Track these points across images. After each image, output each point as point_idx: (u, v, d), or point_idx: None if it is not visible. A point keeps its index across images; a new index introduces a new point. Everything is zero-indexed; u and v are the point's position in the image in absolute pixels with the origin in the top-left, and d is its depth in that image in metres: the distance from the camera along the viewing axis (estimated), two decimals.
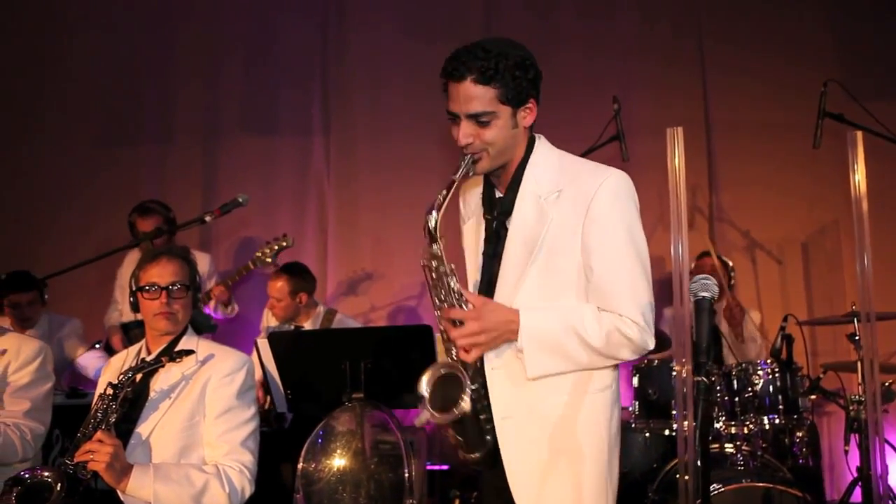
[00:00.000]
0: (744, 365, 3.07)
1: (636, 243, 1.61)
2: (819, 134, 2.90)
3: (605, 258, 1.59)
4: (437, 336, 2.45)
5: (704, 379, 1.32)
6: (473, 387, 1.60)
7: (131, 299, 2.27)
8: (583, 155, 3.18)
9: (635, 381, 3.25)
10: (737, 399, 3.02)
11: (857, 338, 2.97)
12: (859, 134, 2.60)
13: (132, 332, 3.52)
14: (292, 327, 3.83)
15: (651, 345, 1.60)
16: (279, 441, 3.23)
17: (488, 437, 1.64)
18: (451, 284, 1.57)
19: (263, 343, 2.63)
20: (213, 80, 4.90)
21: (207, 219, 2.93)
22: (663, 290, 3.82)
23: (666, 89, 4.40)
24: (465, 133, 1.61)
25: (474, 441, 1.62)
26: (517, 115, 1.63)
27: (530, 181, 1.65)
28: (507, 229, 1.67)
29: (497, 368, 1.65)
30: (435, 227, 1.55)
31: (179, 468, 2.08)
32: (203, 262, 4.03)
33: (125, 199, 4.21)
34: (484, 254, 1.70)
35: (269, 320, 3.97)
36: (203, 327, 2.45)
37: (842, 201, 2.77)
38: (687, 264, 2.48)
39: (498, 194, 1.71)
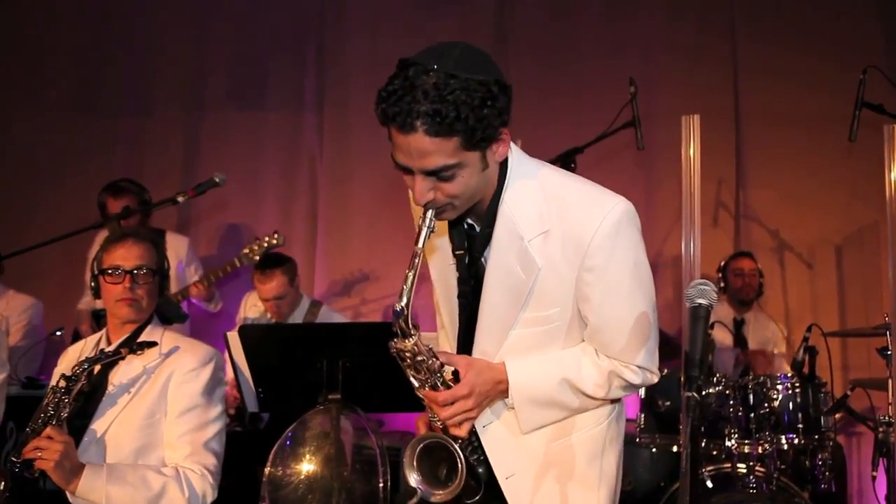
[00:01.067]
0: (761, 378, 3.04)
1: (642, 284, 1.55)
2: (856, 125, 2.85)
3: (608, 312, 1.54)
4: (423, 334, 2.46)
5: (695, 395, 1.30)
6: (473, 456, 1.61)
7: (93, 284, 2.27)
8: (596, 140, 3.17)
9: (642, 391, 3.23)
10: (752, 415, 3.00)
11: (888, 352, 2.93)
12: None
13: (103, 320, 3.52)
14: (273, 321, 3.83)
15: (655, 379, 1.62)
16: (254, 442, 3.24)
17: (480, 470, 1.62)
18: (430, 364, 1.50)
19: (234, 337, 2.63)
20: (197, 47, 4.89)
21: (180, 199, 2.92)
22: (678, 291, 3.80)
23: (693, 76, 4.37)
24: (423, 190, 1.43)
25: (469, 490, 1.61)
26: (487, 155, 1.45)
27: (507, 216, 1.51)
28: (484, 268, 1.56)
29: (488, 425, 1.63)
30: (406, 322, 1.46)
31: (136, 469, 2.08)
32: (180, 245, 4.03)
33: (98, 175, 4.23)
34: (460, 296, 1.61)
35: (248, 311, 3.96)
36: (172, 317, 2.43)
37: (882, 201, 2.74)
38: (698, 263, 2.47)
39: (472, 223, 1.57)
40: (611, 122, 3.10)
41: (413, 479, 1.54)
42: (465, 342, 1.62)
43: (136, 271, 2.23)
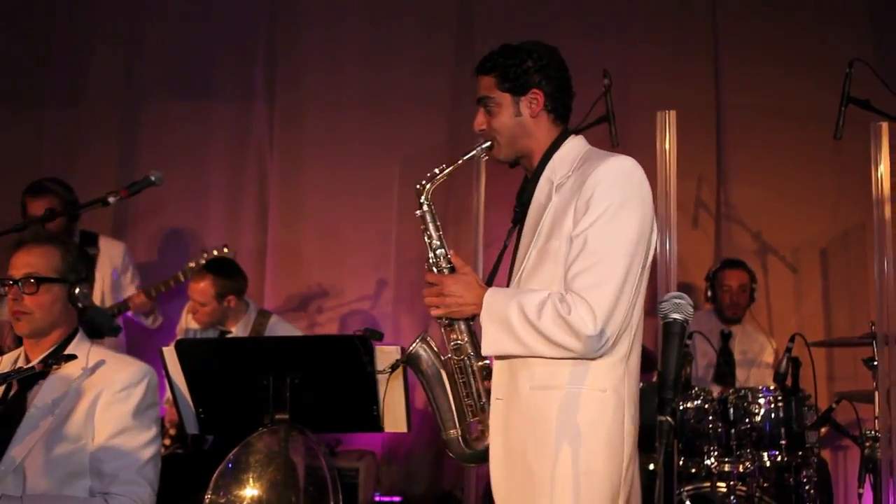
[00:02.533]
0: (742, 391, 3.07)
1: (623, 225, 1.81)
2: (842, 122, 2.88)
3: (579, 231, 1.83)
4: (380, 348, 2.44)
5: (669, 419, 1.30)
6: (444, 357, 2.00)
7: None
8: None
9: None
10: (732, 431, 3.02)
11: (874, 363, 2.97)
12: (885, 125, 2.60)
13: None
14: (217, 332, 3.78)
15: (589, 330, 1.77)
16: (197, 465, 3.18)
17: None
18: (436, 247, 1.97)
19: (170, 352, 2.57)
20: (134, 30, 4.80)
21: (111, 200, 2.84)
22: (654, 299, 3.82)
23: (672, 69, 4.39)
24: (478, 119, 2.01)
25: (445, 414, 2.01)
26: (520, 104, 1.98)
27: (549, 168, 1.97)
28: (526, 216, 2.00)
29: (500, 399, 1.96)
30: (424, 194, 1.97)
31: (57, 501, 2.03)
32: (115, 251, 3.95)
33: (22, 173, 4.12)
34: (505, 243, 2.05)
35: (190, 323, 3.91)
36: (103, 330, 2.38)
37: (869, 201, 2.77)
38: (675, 269, 2.48)
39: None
40: (583, 117, 3.10)
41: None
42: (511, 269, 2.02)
43: (21, 281, 2.18)
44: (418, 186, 1.97)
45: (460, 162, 1.97)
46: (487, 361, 1.99)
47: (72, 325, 2.27)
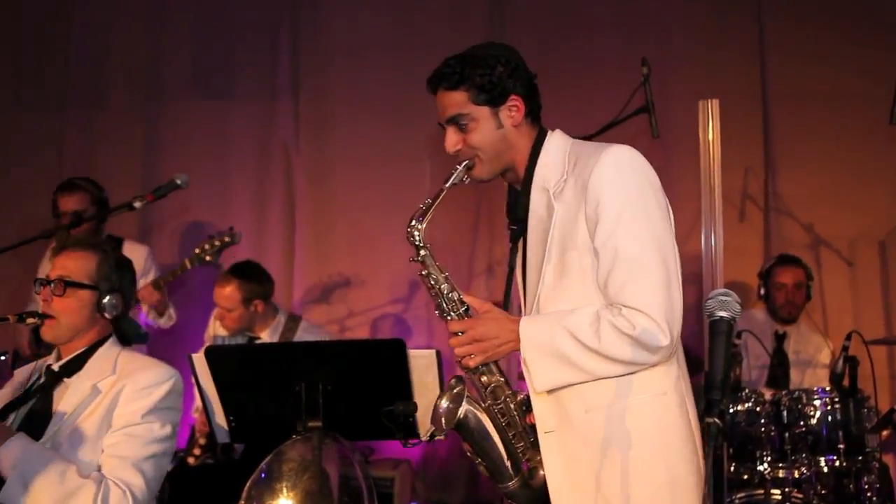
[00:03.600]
0: (796, 393, 3.04)
1: (647, 220, 1.78)
2: None
3: (604, 241, 1.78)
4: (414, 354, 2.47)
5: (717, 420, 1.31)
6: (485, 404, 1.89)
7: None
8: (604, 130, 3.17)
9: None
10: (786, 434, 3.00)
11: None
12: None
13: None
14: (245, 339, 3.84)
15: (663, 341, 1.73)
16: (228, 475, 3.24)
17: (526, 464, 1.89)
18: (446, 292, 1.88)
19: (199, 359, 2.62)
20: (153, 28, 4.88)
21: (137, 205, 2.93)
22: (700, 296, 3.80)
23: (714, 55, 4.36)
24: (451, 140, 1.92)
25: (501, 467, 1.89)
26: (499, 115, 1.91)
27: (539, 176, 1.90)
28: (526, 234, 1.92)
29: (550, 432, 1.89)
30: (418, 236, 1.87)
31: (61, 461, 2.12)
32: (138, 255, 4.02)
33: (44, 176, 4.22)
34: (509, 265, 1.98)
35: (218, 330, 3.97)
36: (131, 337, 2.44)
37: None
38: (721, 264, 2.47)
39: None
40: (621, 108, 3.10)
41: (443, 403, 1.87)
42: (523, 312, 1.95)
43: (53, 282, 2.26)
44: (410, 229, 1.87)
45: (444, 190, 1.88)
46: (524, 394, 1.92)
47: (101, 333, 2.34)
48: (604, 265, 1.79)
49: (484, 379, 1.90)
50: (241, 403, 2.61)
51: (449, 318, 1.88)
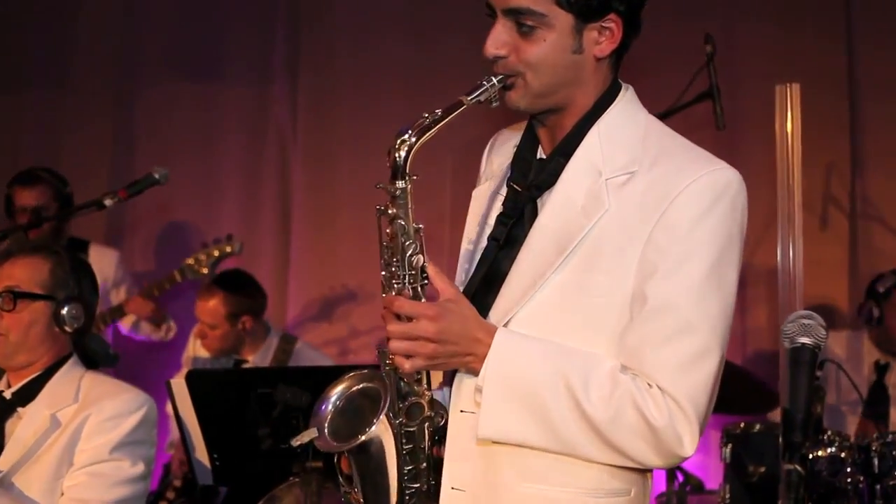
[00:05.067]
0: (889, 437, 3.01)
1: (723, 282, 1.52)
2: None
3: (666, 291, 1.50)
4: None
5: (798, 468, 1.30)
6: (396, 421, 1.57)
7: None
8: (662, 116, 3.16)
9: (727, 452, 3.21)
10: (877, 486, 2.97)
11: None
12: None
13: None
14: (231, 362, 3.85)
15: (689, 450, 1.49)
16: None
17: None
18: (408, 252, 1.54)
19: (179, 385, 2.64)
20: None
21: (108, 202, 2.94)
22: (773, 316, 3.75)
23: (791, 33, 4.32)
24: (497, 39, 1.55)
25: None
26: (584, 35, 1.55)
27: (593, 146, 1.58)
28: (538, 210, 1.60)
29: (466, 412, 1.57)
30: (405, 156, 1.53)
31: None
32: (107, 261, 4.06)
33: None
34: (492, 237, 1.63)
35: (199, 350, 3.99)
36: (98, 358, 2.45)
37: None
38: (800, 276, 2.46)
39: (540, 154, 1.65)
40: (680, 94, 3.10)
41: (331, 402, 1.57)
42: (478, 301, 1.59)
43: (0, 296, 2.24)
44: (398, 141, 1.52)
45: (464, 105, 1.53)
46: (444, 418, 1.60)
47: (60, 352, 2.34)
48: (650, 322, 1.50)
49: (404, 385, 1.58)
50: (227, 439, 2.62)
51: (398, 288, 1.53)
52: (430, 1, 4.72)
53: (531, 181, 1.61)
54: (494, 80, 1.54)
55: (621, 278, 1.52)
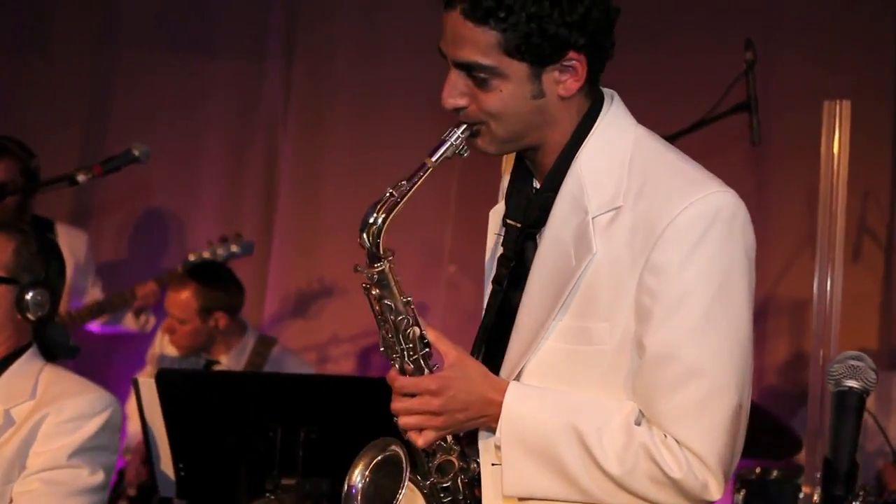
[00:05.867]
0: None
1: (728, 316, 1.53)
2: None
3: (663, 339, 1.52)
4: None
5: None
6: (427, 481, 1.65)
7: None
8: (690, 130, 3.15)
9: (739, 499, 3.20)
10: None
11: None
12: None
13: None
14: (202, 362, 3.83)
15: (716, 495, 1.53)
16: None
17: None
18: (402, 327, 1.60)
19: (148, 385, 2.63)
20: None
21: (81, 178, 2.93)
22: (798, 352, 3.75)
23: (836, 46, 4.32)
24: (453, 89, 1.58)
25: None
26: (542, 79, 1.57)
27: (576, 180, 1.60)
28: (537, 247, 1.65)
29: (497, 464, 1.64)
30: (375, 240, 1.59)
31: None
32: (77, 243, 4.05)
33: None
34: (494, 281, 1.70)
35: (166, 347, 3.97)
36: (57, 350, 2.43)
37: None
38: (838, 313, 2.45)
39: (535, 184, 1.69)
40: (715, 104, 3.09)
41: (357, 479, 1.64)
42: (491, 349, 1.67)
43: None
44: (365, 225, 1.57)
45: (430, 168, 1.57)
46: (477, 468, 1.68)
47: (19, 341, 2.32)
48: (651, 372, 1.53)
49: (435, 453, 1.65)
50: (196, 448, 2.60)
51: (397, 364, 1.61)
52: None
53: (526, 216, 1.66)
54: (458, 132, 1.58)
55: (621, 324, 1.56)
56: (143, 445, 3.57)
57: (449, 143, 1.56)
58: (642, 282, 1.53)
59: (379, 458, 1.65)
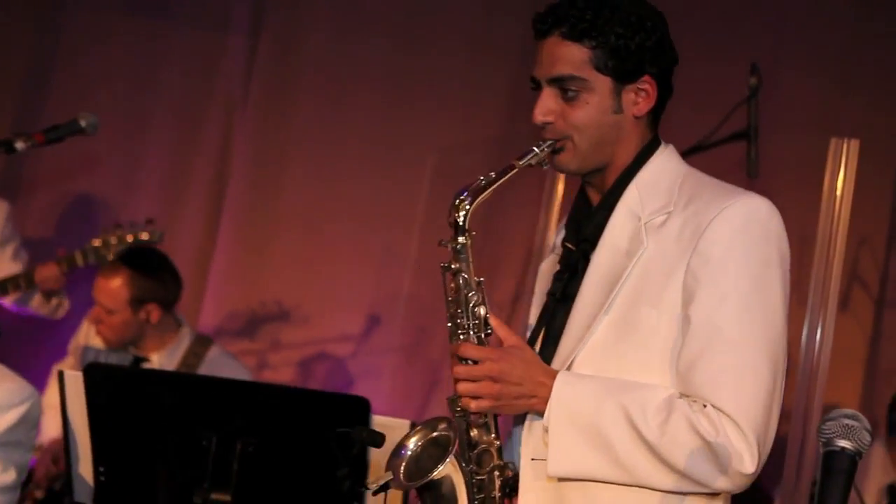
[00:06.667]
0: None
1: (765, 302, 1.86)
2: None
3: (704, 313, 1.84)
4: (380, 419, 2.44)
5: None
6: (469, 466, 1.93)
7: None
8: (684, 155, 3.19)
9: None
10: None
11: None
12: None
13: None
14: (130, 357, 3.81)
15: (749, 466, 1.79)
16: None
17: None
18: (471, 303, 1.92)
19: (74, 378, 2.60)
20: None
21: (20, 146, 2.92)
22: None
23: (842, 79, 4.34)
24: (545, 107, 1.95)
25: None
26: (622, 95, 1.96)
27: (633, 196, 1.97)
28: (588, 264, 1.97)
29: (538, 459, 1.91)
30: (465, 216, 1.90)
31: None
32: None
33: None
34: (550, 293, 2.02)
35: (92, 339, 3.94)
36: None
37: None
38: (826, 367, 2.48)
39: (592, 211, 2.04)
40: (713, 129, 3.13)
41: (410, 446, 1.92)
42: (543, 351, 1.98)
43: None
44: (457, 203, 1.91)
45: (516, 168, 1.93)
46: (514, 470, 1.97)
47: None
48: (694, 343, 1.84)
49: (474, 433, 1.95)
50: (121, 451, 2.58)
51: (463, 337, 1.93)
52: None
53: (584, 236, 2.00)
54: (545, 146, 1.94)
55: (668, 309, 1.88)
56: (57, 444, 3.58)
57: (535, 153, 1.92)
58: (690, 266, 1.86)
59: (433, 434, 1.92)
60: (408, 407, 4.35)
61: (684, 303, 1.86)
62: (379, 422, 2.43)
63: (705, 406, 1.81)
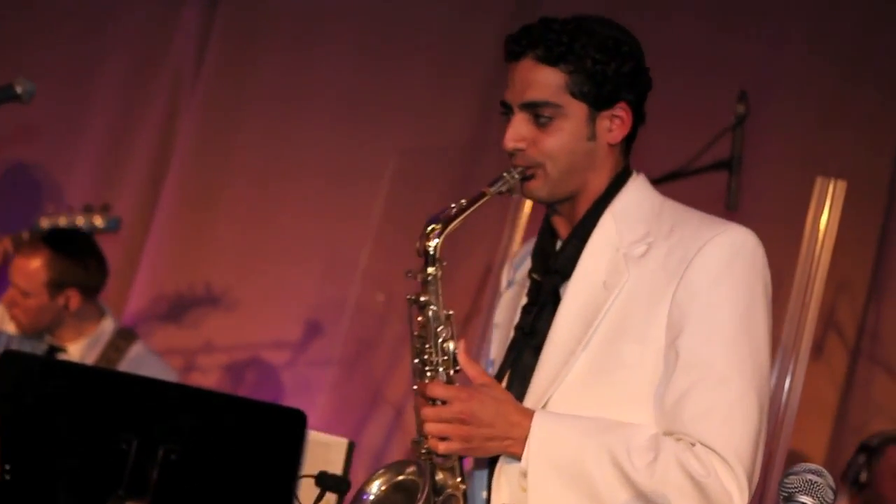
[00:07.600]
0: None
1: (752, 336, 1.93)
2: None
3: (694, 347, 1.90)
4: (316, 435, 2.45)
5: None
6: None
7: None
8: (662, 180, 3.23)
9: None
10: None
11: None
12: None
13: None
14: (44, 346, 3.80)
15: (735, 491, 1.85)
16: None
17: None
18: (440, 339, 1.96)
19: None
20: None
21: None
22: None
23: (840, 110, 4.39)
24: (516, 133, 2.00)
25: None
26: (597, 122, 2.02)
27: (608, 226, 2.03)
28: (560, 296, 2.02)
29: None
30: (435, 245, 1.95)
31: None
32: None
33: None
34: (517, 327, 2.07)
35: (4, 322, 3.93)
36: None
37: None
38: (792, 418, 2.51)
39: (559, 244, 2.09)
40: (694, 156, 3.17)
41: (372, 491, 1.95)
42: (513, 387, 2.02)
43: None
44: (427, 232, 1.97)
45: (487, 196, 2.00)
46: None
47: None
48: (683, 377, 1.89)
49: (440, 476, 1.98)
50: (31, 450, 2.57)
51: (431, 375, 1.95)
52: None
53: (551, 268, 2.05)
54: (515, 172, 2.00)
55: (653, 343, 1.93)
56: None
57: (505, 179, 1.99)
58: (676, 298, 1.93)
59: (399, 478, 1.95)
60: (344, 424, 4.36)
61: (670, 335, 1.92)
62: (315, 438, 2.45)
63: (693, 445, 1.87)
